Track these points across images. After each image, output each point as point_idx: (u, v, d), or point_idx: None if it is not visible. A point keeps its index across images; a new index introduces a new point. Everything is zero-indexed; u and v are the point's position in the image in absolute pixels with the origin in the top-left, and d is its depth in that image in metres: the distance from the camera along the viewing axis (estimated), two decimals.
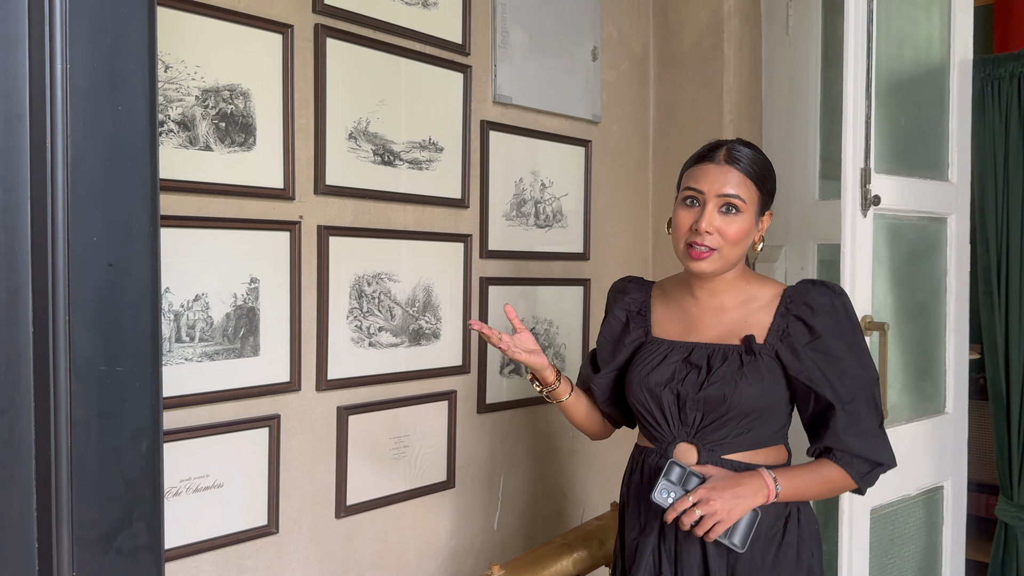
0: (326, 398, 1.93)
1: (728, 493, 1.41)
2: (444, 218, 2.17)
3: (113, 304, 0.91)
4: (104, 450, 0.91)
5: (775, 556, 1.51)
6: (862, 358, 1.50)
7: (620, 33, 2.71)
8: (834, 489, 1.53)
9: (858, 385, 1.49)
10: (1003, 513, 2.57)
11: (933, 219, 2.38)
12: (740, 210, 1.49)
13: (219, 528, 1.75)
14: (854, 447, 1.48)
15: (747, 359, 1.50)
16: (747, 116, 2.74)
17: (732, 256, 1.51)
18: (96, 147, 0.90)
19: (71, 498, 0.89)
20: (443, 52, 2.14)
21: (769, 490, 1.45)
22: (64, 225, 0.88)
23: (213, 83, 1.70)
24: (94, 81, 0.89)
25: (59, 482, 0.89)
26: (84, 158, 0.89)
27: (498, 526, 2.37)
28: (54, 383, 0.88)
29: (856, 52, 2.03)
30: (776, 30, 2.76)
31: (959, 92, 2.41)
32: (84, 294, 0.89)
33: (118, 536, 0.92)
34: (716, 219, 1.48)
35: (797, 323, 1.50)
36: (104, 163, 0.90)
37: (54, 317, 0.88)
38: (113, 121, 0.91)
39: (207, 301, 1.71)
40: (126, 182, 0.92)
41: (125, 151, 0.92)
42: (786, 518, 1.53)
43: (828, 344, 1.48)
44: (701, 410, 1.51)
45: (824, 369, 1.48)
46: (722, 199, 1.49)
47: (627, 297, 1.71)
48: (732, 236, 1.49)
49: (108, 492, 0.92)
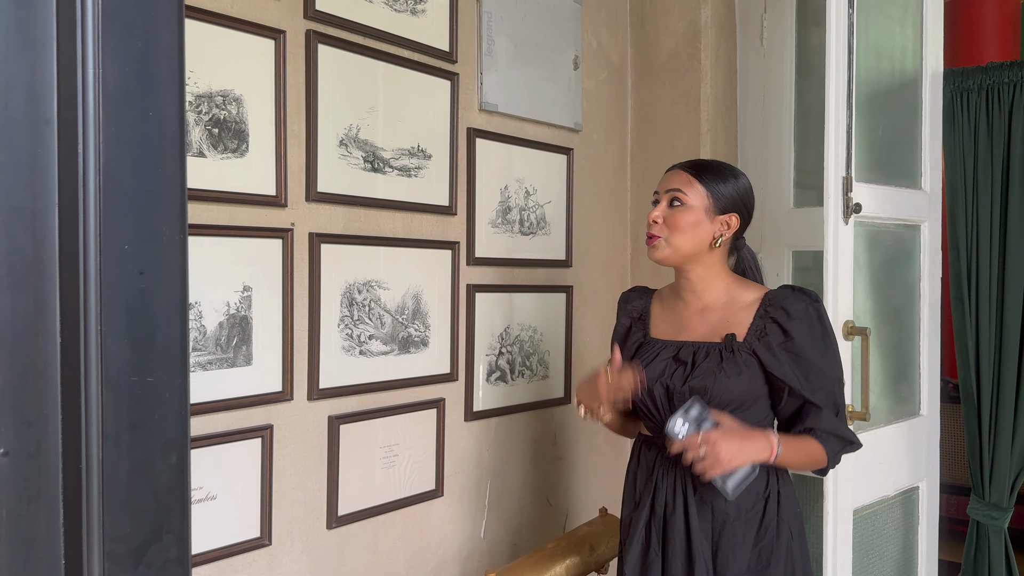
0: (318, 407, 1.91)
1: (736, 442, 1.52)
2: (432, 225, 2.17)
3: (144, 313, 0.89)
4: (135, 462, 0.89)
5: (756, 533, 1.64)
6: (829, 361, 1.65)
7: (599, 43, 2.74)
8: (812, 463, 1.66)
9: (821, 384, 1.63)
10: (975, 512, 2.64)
11: (908, 226, 2.44)
12: (683, 203, 1.68)
13: (212, 541, 1.72)
14: (829, 427, 1.63)
15: (727, 355, 1.64)
16: (723, 126, 2.79)
17: (679, 244, 1.67)
18: (127, 153, 0.88)
19: (102, 512, 0.87)
20: (431, 59, 2.14)
21: (772, 450, 1.56)
22: (96, 233, 0.86)
23: (206, 88, 1.67)
24: (126, 86, 0.88)
25: (90, 496, 0.87)
26: (115, 164, 0.87)
27: (485, 534, 2.36)
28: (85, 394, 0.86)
29: (838, 63, 2.08)
30: (751, 42, 2.81)
31: (931, 103, 2.49)
32: (116, 303, 0.87)
33: (149, 550, 0.90)
34: (665, 211, 1.69)
35: (773, 325, 1.64)
36: (135, 169, 0.89)
37: (85, 327, 0.86)
38: (143, 127, 0.89)
39: (200, 310, 1.68)
40: (157, 189, 0.90)
41: (155, 157, 0.90)
42: (766, 498, 1.65)
43: (799, 346, 1.62)
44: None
45: (794, 368, 1.62)
46: (670, 194, 1.70)
47: (630, 305, 1.87)
48: (674, 223, 1.67)
49: (139, 505, 0.90)
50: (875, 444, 2.26)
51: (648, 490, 1.71)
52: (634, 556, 1.71)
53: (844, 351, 2.11)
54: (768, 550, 1.64)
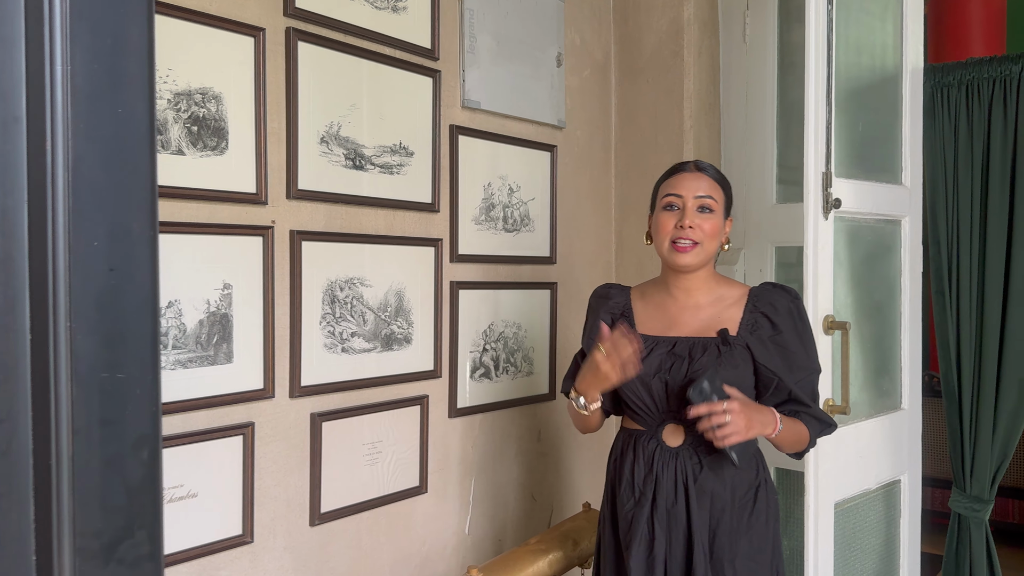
0: (300, 405, 1.91)
1: (752, 415, 1.60)
2: (415, 222, 2.17)
3: (115, 309, 0.89)
4: (106, 458, 0.89)
5: (748, 520, 1.71)
6: (810, 353, 1.74)
7: (583, 40, 2.74)
8: (799, 442, 1.73)
9: (803, 374, 1.72)
10: (957, 504, 2.66)
11: (888, 221, 2.46)
12: (713, 210, 1.72)
13: (193, 539, 1.72)
14: (811, 412, 1.72)
15: (724, 349, 1.69)
16: (706, 122, 2.80)
17: (710, 250, 1.73)
18: (97, 150, 0.88)
19: (73, 508, 0.87)
20: (413, 56, 2.14)
21: (776, 425, 1.64)
22: (65, 229, 0.86)
23: (185, 86, 1.67)
24: (95, 82, 0.88)
25: (60, 492, 0.87)
26: (85, 161, 0.87)
27: (470, 530, 2.37)
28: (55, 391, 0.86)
29: (817, 59, 2.09)
30: (733, 38, 2.82)
31: (911, 99, 2.50)
32: (86, 300, 0.87)
33: (120, 546, 0.90)
34: (696, 217, 1.70)
35: (763, 319, 1.72)
36: (105, 166, 0.89)
37: (55, 323, 0.86)
38: (113, 123, 0.89)
39: (180, 308, 1.68)
40: (127, 185, 0.90)
41: (126, 154, 0.90)
42: (757, 487, 1.73)
43: (786, 339, 1.72)
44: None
45: (781, 359, 1.71)
46: (699, 200, 1.71)
47: (610, 302, 1.86)
48: (709, 231, 1.71)
49: (110, 501, 0.90)
50: (856, 437, 2.27)
51: (649, 484, 1.72)
52: (639, 552, 1.70)
53: (824, 346, 2.13)
54: (759, 536, 1.71)
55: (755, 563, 1.70)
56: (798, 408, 1.72)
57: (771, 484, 1.78)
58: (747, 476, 1.71)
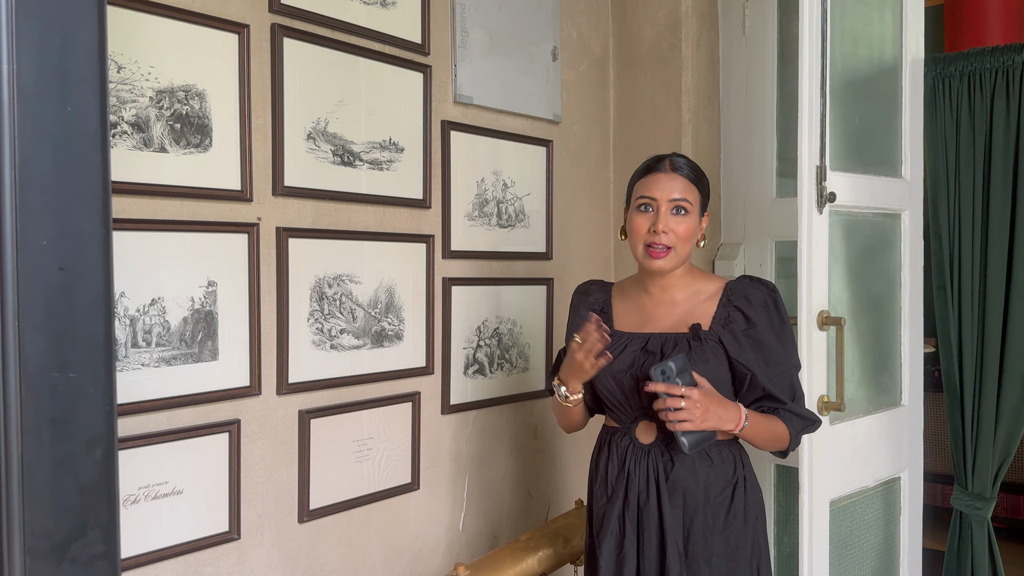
0: (287, 402, 1.91)
1: (712, 405, 1.60)
2: (406, 219, 2.16)
3: (65, 309, 0.89)
4: (57, 458, 0.89)
5: (725, 519, 1.68)
6: (787, 347, 1.72)
7: (579, 33, 2.72)
8: (776, 441, 1.71)
9: (780, 370, 1.70)
10: (958, 502, 2.63)
11: (888, 215, 2.42)
12: (687, 211, 1.70)
13: (179, 535, 1.72)
14: (791, 408, 1.70)
15: (695, 344, 1.68)
16: (705, 116, 2.77)
17: (684, 253, 1.72)
18: (46, 149, 0.88)
19: (23, 508, 0.87)
20: (402, 52, 2.13)
21: (740, 422, 1.63)
22: (12, 229, 0.86)
23: (168, 84, 1.67)
24: (43, 82, 0.87)
25: (10, 491, 0.87)
26: (33, 160, 0.87)
27: (464, 526, 2.36)
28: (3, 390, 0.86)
29: (811, 51, 2.06)
30: (733, 30, 2.79)
31: (911, 90, 2.46)
32: (34, 299, 0.87)
33: (72, 545, 0.90)
34: (670, 220, 1.68)
35: (737, 312, 1.70)
36: (54, 165, 0.89)
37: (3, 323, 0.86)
38: (63, 122, 0.89)
39: (163, 305, 1.68)
40: (77, 184, 0.90)
41: (76, 153, 0.90)
42: (734, 485, 1.70)
43: (760, 333, 1.69)
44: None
45: (756, 354, 1.68)
46: (673, 203, 1.69)
47: (590, 298, 1.87)
48: (683, 234, 1.69)
49: (62, 501, 0.90)
50: (852, 435, 2.24)
51: (621, 481, 1.73)
52: (609, 549, 1.73)
53: (819, 341, 2.10)
54: (736, 534, 1.69)
55: (733, 562, 1.68)
56: (775, 405, 1.70)
57: (752, 482, 1.75)
58: (723, 474, 1.69)
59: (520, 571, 1.97)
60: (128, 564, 1.64)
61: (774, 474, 2.58)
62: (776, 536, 2.59)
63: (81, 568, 0.91)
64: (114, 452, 0.95)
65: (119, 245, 1.60)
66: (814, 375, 2.08)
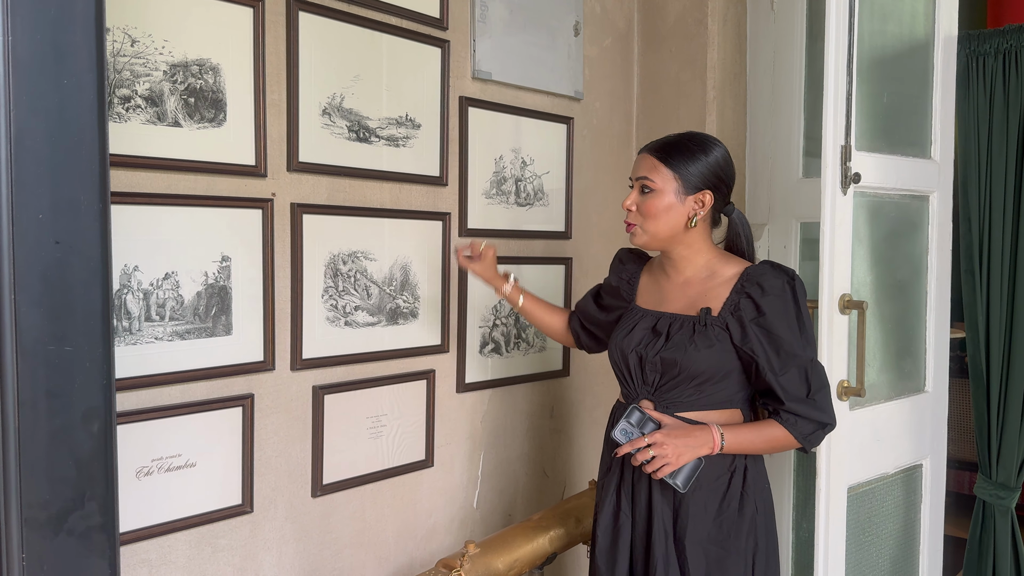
0: (301, 377, 1.92)
1: (680, 441, 1.62)
2: (422, 196, 2.15)
3: (61, 282, 0.89)
4: (53, 430, 0.90)
5: (718, 506, 1.68)
6: (801, 339, 1.65)
7: (603, 8, 2.68)
8: (778, 447, 1.70)
9: (792, 362, 1.64)
10: (981, 491, 2.58)
11: (915, 197, 2.36)
12: (652, 189, 1.72)
13: (192, 507, 1.74)
14: (796, 410, 1.65)
15: (699, 328, 1.68)
16: (731, 93, 2.72)
17: (655, 230, 1.73)
18: (41, 122, 0.88)
19: (19, 479, 0.88)
20: (420, 26, 2.11)
21: (715, 443, 1.64)
22: (8, 202, 0.86)
23: (181, 58, 1.67)
24: (38, 54, 0.87)
25: (7, 463, 0.88)
26: (28, 133, 0.87)
27: (478, 504, 2.37)
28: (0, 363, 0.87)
29: (838, 27, 2.01)
30: (761, 5, 2.73)
31: (943, 68, 2.39)
32: (30, 272, 0.88)
33: (69, 517, 0.91)
34: (637, 199, 1.74)
35: (747, 300, 1.67)
36: (49, 138, 0.88)
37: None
38: (58, 95, 0.89)
39: (177, 279, 1.69)
40: (73, 158, 0.90)
41: (72, 126, 0.90)
42: (731, 472, 1.69)
43: (771, 322, 1.64)
44: (658, 371, 1.71)
45: (764, 343, 1.64)
46: (639, 181, 1.74)
47: (624, 267, 1.95)
48: (645, 210, 1.72)
49: (58, 473, 0.90)
50: (872, 421, 2.20)
51: None
52: (605, 520, 1.79)
53: (840, 325, 2.06)
54: (730, 522, 1.69)
55: (723, 550, 1.67)
56: (774, 405, 1.67)
57: (756, 473, 1.72)
58: (718, 460, 1.68)
59: (531, 550, 1.97)
60: (141, 535, 1.66)
61: (794, 459, 2.55)
62: (795, 521, 2.56)
63: (78, 539, 0.92)
64: (112, 425, 0.96)
65: (132, 219, 1.61)
66: (834, 360, 2.04)
